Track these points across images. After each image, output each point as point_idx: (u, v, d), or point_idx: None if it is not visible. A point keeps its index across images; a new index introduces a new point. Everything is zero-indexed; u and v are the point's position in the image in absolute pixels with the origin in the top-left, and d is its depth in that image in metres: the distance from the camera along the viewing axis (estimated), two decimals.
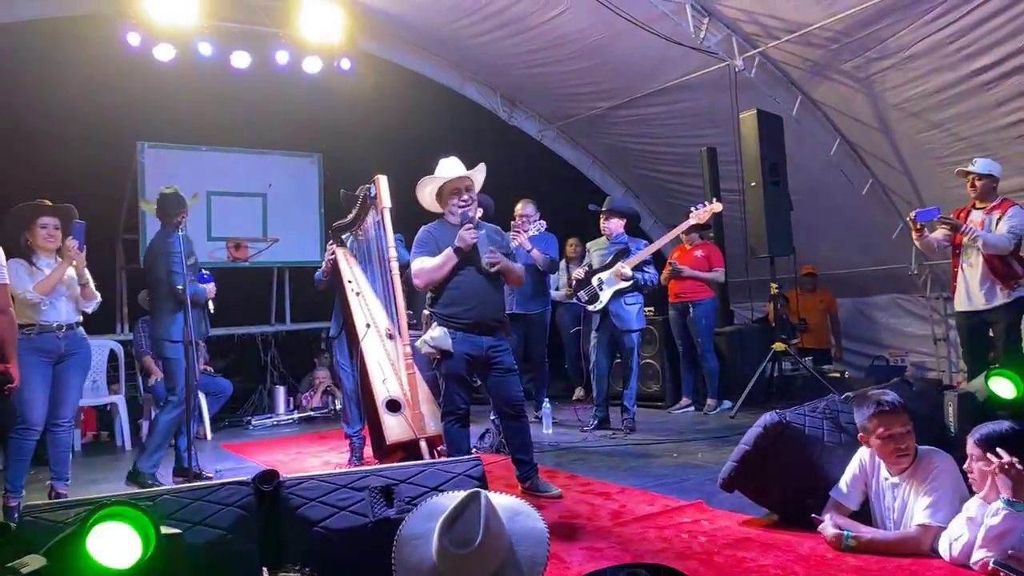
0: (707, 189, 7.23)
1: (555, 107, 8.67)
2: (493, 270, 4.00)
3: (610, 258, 5.82)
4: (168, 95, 6.96)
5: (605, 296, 5.76)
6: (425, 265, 3.96)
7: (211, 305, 4.99)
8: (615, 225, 5.94)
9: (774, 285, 6.49)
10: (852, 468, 3.05)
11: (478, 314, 3.96)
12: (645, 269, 5.78)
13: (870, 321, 8.25)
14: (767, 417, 3.31)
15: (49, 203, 4.33)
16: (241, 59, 6.97)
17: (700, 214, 5.95)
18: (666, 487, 4.11)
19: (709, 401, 6.55)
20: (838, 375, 7.13)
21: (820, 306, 8.13)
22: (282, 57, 7.08)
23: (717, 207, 6.04)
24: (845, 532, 2.90)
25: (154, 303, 4.86)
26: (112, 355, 6.62)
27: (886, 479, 2.95)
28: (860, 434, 3.00)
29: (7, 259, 3.83)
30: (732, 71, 6.66)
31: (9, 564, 1.84)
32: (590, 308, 5.84)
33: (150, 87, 6.81)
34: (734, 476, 3.38)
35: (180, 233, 4.73)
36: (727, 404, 6.48)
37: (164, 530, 1.92)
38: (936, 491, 2.76)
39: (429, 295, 4.09)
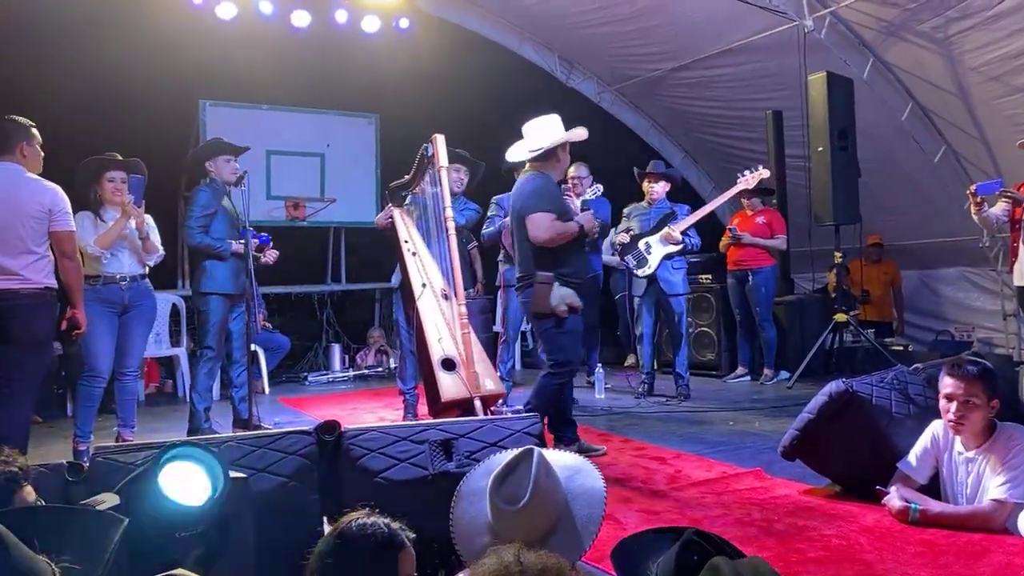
0: (771, 154, 7.04)
1: (614, 68, 8.49)
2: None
3: (655, 222, 5.72)
4: (229, 54, 7.00)
5: (654, 260, 5.67)
6: (560, 229, 4.03)
7: (251, 261, 4.79)
8: (662, 188, 5.84)
9: (838, 254, 6.30)
10: (924, 441, 2.95)
11: (582, 275, 4.21)
12: (689, 233, 5.72)
13: (935, 294, 7.97)
14: (833, 385, 3.22)
15: (118, 157, 4.40)
16: (301, 18, 6.97)
17: (748, 179, 5.83)
18: (723, 454, 4.06)
19: (766, 371, 6.44)
20: (901, 348, 6.93)
21: (884, 278, 7.88)
22: (341, 16, 7.06)
23: (765, 173, 5.89)
24: (913, 505, 2.81)
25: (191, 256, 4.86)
26: (174, 309, 6.78)
27: (960, 453, 2.84)
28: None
29: (77, 212, 3.93)
30: (801, 31, 6.42)
31: (84, 501, 1.89)
32: (638, 273, 5.75)
33: (212, 46, 6.86)
34: (796, 445, 3.31)
35: (208, 187, 4.74)
36: (784, 375, 6.36)
37: (231, 473, 1.94)
38: (1015, 468, 2.65)
39: (535, 255, 4.09)
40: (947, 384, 2.79)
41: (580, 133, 4.20)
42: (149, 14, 6.50)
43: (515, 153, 4.32)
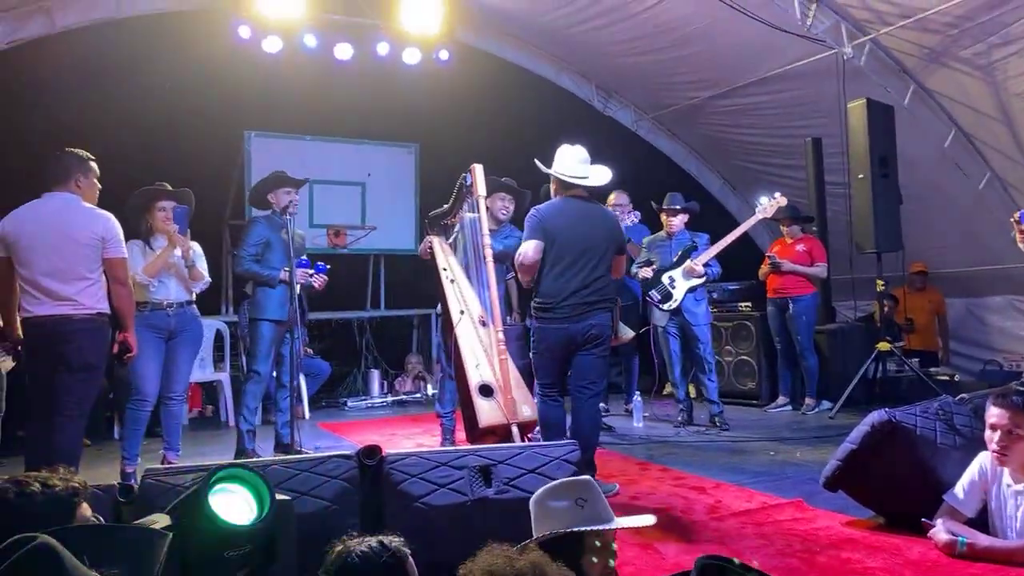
0: (811, 181, 7.01)
1: (651, 97, 8.54)
2: None
3: (676, 255, 5.73)
4: (274, 86, 7.21)
5: (678, 294, 5.68)
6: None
7: (297, 288, 4.88)
8: (680, 221, 5.87)
9: (880, 282, 6.21)
10: (971, 472, 2.89)
11: None
12: (710, 263, 5.74)
13: (982, 323, 7.79)
14: (875, 415, 3.18)
15: (168, 187, 4.55)
16: (344, 51, 7.14)
17: (766, 209, 5.86)
18: (763, 484, 4.01)
19: (807, 400, 6.34)
20: (947, 378, 6.77)
21: (928, 306, 7.74)
22: (383, 48, 7.22)
23: (783, 201, 5.92)
24: (960, 538, 2.75)
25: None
26: (218, 335, 6.92)
27: (1008, 486, 2.78)
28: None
29: (129, 240, 4.06)
30: (840, 59, 6.40)
31: (136, 522, 1.95)
32: (663, 307, 5.74)
33: (258, 78, 7.06)
34: (838, 475, 3.26)
35: (264, 219, 4.95)
36: (826, 404, 6.25)
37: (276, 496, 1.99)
38: None
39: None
40: (992, 414, 2.75)
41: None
42: (197, 49, 6.72)
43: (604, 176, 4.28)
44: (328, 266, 5.17)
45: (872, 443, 3.15)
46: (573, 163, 4.21)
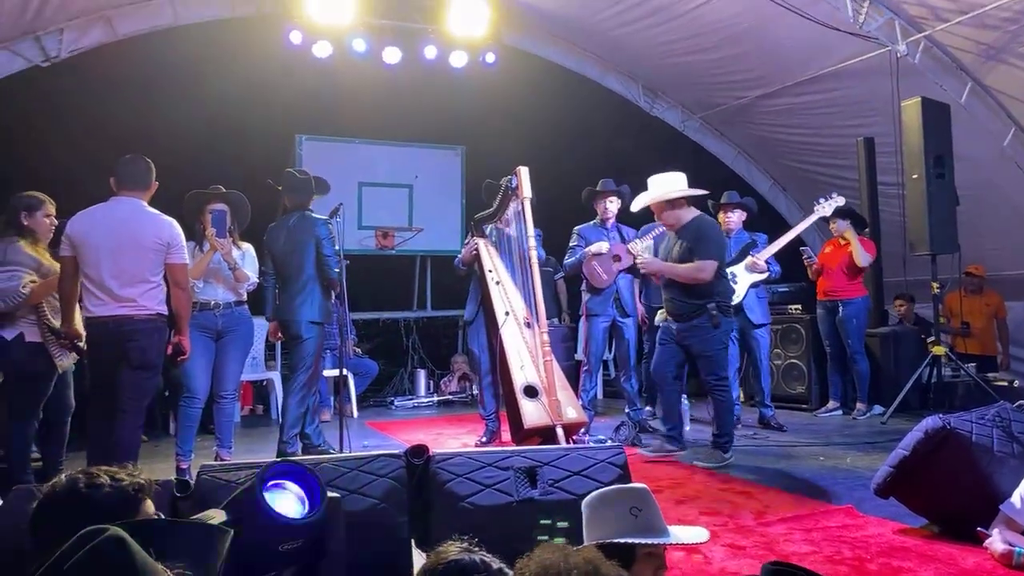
0: (863, 181, 6.88)
1: (699, 97, 8.47)
2: None
3: (736, 252, 5.65)
4: (324, 90, 7.34)
5: (741, 289, 5.60)
6: None
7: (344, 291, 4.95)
8: (738, 218, 5.84)
9: (936, 285, 6.06)
10: None
11: None
12: (770, 261, 5.69)
13: None
14: (929, 421, 3.11)
15: (221, 189, 4.66)
16: (392, 55, 7.23)
17: (824, 207, 5.81)
18: (813, 490, 3.95)
19: (859, 405, 6.23)
20: (1005, 384, 6.58)
21: (986, 309, 7.51)
22: (430, 52, 7.29)
23: (840, 200, 5.87)
24: (1017, 549, 2.68)
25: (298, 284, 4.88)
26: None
27: None
28: None
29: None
30: (894, 57, 6.27)
31: (193, 517, 2.01)
32: None
33: (308, 83, 7.20)
34: (890, 482, 3.20)
35: (324, 219, 4.88)
36: (878, 409, 6.13)
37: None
38: None
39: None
40: None
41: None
42: (250, 55, 6.88)
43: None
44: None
45: (926, 450, 3.08)
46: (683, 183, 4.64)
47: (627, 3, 6.94)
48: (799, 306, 6.74)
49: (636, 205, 4.78)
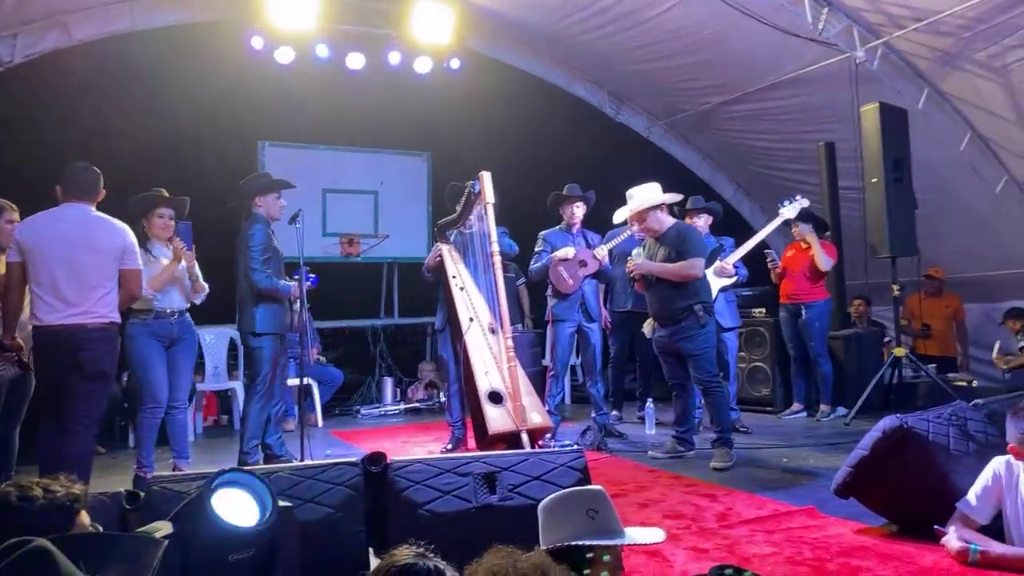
0: (824, 186, 6.96)
1: (664, 103, 8.53)
2: None
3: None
4: (287, 97, 7.26)
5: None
6: None
7: (305, 298, 4.79)
8: (704, 223, 5.91)
9: (895, 287, 6.15)
10: (984, 479, 2.84)
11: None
12: (738, 265, 5.78)
13: (1001, 329, 7.70)
14: (887, 421, 3.14)
15: (166, 194, 4.59)
16: (356, 60, 7.19)
17: (789, 209, 5.88)
18: (775, 492, 3.97)
19: (822, 407, 6.28)
20: (965, 384, 6.69)
21: (946, 312, 7.65)
22: (394, 58, 7.26)
23: (804, 203, 5.97)
24: (972, 546, 2.71)
25: (241, 294, 4.79)
26: (232, 344, 6.95)
27: None
28: (1011, 445, 2.77)
29: None
30: (853, 63, 6.36)
31: (138, 530, 1.96)
32: None
33: (271, 89, 7.12)
34: (849, 482, 3.22)
35: (263, 225, 4.72)
36: (841, 411, 6.20)
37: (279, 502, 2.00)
38: None
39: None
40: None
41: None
42: (211, 61, 6.79)
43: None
44: (317, 277, 4.97)
45: (884, 449, 3.11)
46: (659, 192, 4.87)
47: (590, 10, 6.96)
48: (763, 309, 6.79)
49: (619, 217, 4.98)
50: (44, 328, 3.65)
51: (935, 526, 2.89)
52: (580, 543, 1.88)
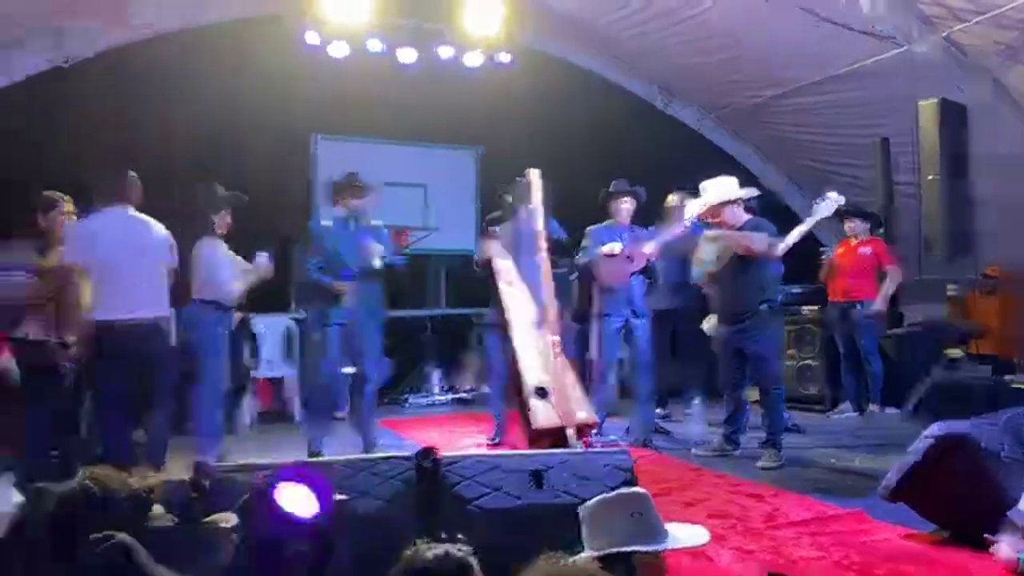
0: (878, 182, 6.84)
1: (714, 96, 8.44)
2: None
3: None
4: (340, 91, 7.37)
5: None
6: None
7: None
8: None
9: (952, 286, 6.02)
10: None
11: None
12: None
13: None
14: (937, 427, 3.12)
15: (245, 199, 4.88)
16: (407, 55, 7.26)
17: (823, 207, 5.58)
18: (823, 493, 3.96)
19: (872, 407, 6.20)
20: (1023, 386, 6.51)
21: (1003, 311, 7.44)
22: (445, 52, 7.30)
23: (840, 199, 5.62)
24: (1021, 556, 2.68)
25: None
26: (288, 332, 7.11)
27: None
28: None
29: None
30: (911, 57, 6.21)
31: (204, 520, 2.06)
32: None
33: (324, 83, 7.24)
34: (898, 488, 3.20)
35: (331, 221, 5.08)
36: (892, 411, 6.10)
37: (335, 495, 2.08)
38: None
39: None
40: None
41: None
42: (265, 56, 6.94)
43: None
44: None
45: (935, 456, 3.08)
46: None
47: (634, 6, 6.93)
48: (813, 307, 6.71)
49: (691, 209, 5.07)
50: (114, 324, 3.87)
51: (986, 535, 2.87)
52: (627, 549, 1.92)
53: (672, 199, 6.02)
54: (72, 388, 4.22)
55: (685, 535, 2.09)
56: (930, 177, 5.94)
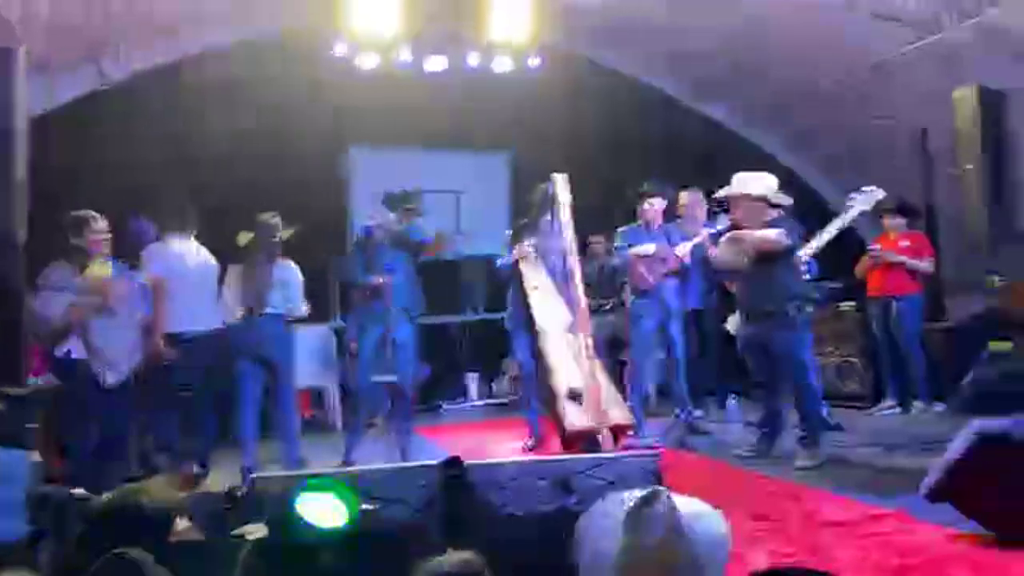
0: (917, 173, 6.70)
1: (745, 91, 8.35)
2: None
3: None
4: (370, 100, 7.45)
5: None
6: None
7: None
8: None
9: (995, 279, 5.86)
10: None
11: None
12: (809, 261, 5.55)
13: None
14: (981, 424, 3.03)
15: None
16: (436, 63, 7.31)
17: (861, 202, 5.50)
18: (864, 493, 3.87)
19: (916, 403, 6.06)
20: None
21: None
22: (473, 59, 7.34)
23: (880, 194, 5.55)
24: None
25: None
26: (326, 341, 7.19)
27: None
28: None
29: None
30: (946, 44, 6.06)
31: (233, 532, 2.10)
32: None
33: (354, 93, 7.32)
34: (940, 487, 3.12)
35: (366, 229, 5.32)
36: (937, 407, 5.96)
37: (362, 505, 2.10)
38: None
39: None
40: None
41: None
42: (296, 70, 7.05)
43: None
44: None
45: (978, 454, 3.00)
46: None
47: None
48: (852, 302, 6.58)
49: (721, 193, 4.92)
50: (190, 336, 4.73)
51: None
52: None
53: (684, 197, 5.96)
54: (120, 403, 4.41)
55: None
56: (968, 167, 5.79)
